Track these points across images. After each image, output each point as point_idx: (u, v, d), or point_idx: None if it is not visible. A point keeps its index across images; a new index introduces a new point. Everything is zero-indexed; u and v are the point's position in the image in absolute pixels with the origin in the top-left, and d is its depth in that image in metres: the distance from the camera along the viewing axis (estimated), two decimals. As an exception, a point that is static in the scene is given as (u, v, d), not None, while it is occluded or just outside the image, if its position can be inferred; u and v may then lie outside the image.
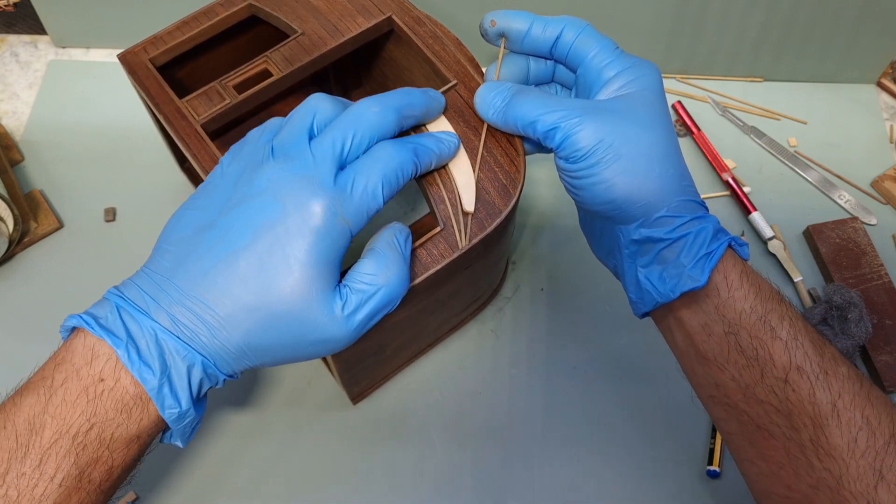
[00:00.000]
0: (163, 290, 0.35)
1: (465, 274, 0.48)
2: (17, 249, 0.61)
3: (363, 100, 0.39)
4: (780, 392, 0.37)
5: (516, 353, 0.58)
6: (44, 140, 0.67)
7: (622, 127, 0.38)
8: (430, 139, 0.41)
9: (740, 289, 0.38)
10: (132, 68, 0.48)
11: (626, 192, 0.38)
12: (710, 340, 0.39)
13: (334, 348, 0.36)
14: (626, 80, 0.40)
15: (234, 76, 0.47)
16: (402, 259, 0.37)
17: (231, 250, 0.34)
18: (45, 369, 0.35)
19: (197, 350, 0.34)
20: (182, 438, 0.36)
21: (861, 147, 0.69)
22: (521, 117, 0.40)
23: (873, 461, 0.35)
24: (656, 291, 0.39)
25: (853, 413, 0.36)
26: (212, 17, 0.50)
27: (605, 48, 0.41)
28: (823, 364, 0.37)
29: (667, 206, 0.38)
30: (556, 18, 0.42)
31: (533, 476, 0.54)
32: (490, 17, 0.43)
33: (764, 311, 0.38)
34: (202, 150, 0.44)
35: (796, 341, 0.37)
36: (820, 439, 0.36)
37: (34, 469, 0.33)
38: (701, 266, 0.37)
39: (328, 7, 0.49)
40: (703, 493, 0.53)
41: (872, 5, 0.64)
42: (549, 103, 0.39)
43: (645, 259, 0.40)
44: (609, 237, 0.43)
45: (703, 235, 0.38)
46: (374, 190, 0.36)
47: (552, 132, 0.39)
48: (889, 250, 0.64)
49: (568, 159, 0.39)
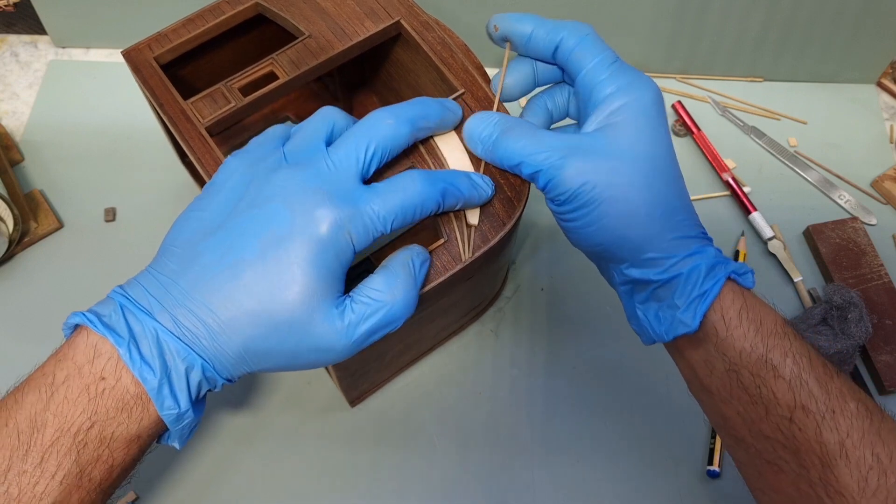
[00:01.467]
0: (167, 292, 0.35)
1: (466, 284, 0.48)
2: (17, 249, 0.61)
3: (377, 111, 0.39)
4: (785, 430, 0.36)
5: (516, 353, 0.58)
6: (44, 140, 0.67)
7: (606, 167, 0.37)
8: (465, 183, 0.40)
9: (739, 327, 0.37)
10: (136, 66, 0.48)
11: (613, 235, 0.37)
12: (712, 376, 0.38)
13: (333, 359, 0.36)
14: (619, 102, 0.38)
15: (240, 78, 0.46)
16: (412, 281, 0.37)
17: (237, 256, 0.34)
18: (47, 366, 0.35)
19: (197, 352, 0.34)
20: (179, 440, 0.36)
21: (861, 147, 0.69)
22: (507, 158, 0.40)
23: (885, 500, 0.34)
24: (653, 331, 0.38)
25: (863, 452, 0.35)
26: (218, 16, 0.49)
27: (602, 61, 0.39)
28: (830, 402, 0.35)
29: (656, 246, 0.37)
30: (559, 23, 0.41)
31: (533, 476, 0.54)
32: (493, 21, 0.42)
33: (765, 350, 0.36)
34: (206, 153, 0.44)
35: (800, 380, 0.36)
36: (829, 479, 0.35)
37: (35, 467, 0.33)
38: (693, 309, 0.36)
39: (336, 9, 0.48)
40: (703, 493, 0.53)
41: (872, 5, 0.64)
42: (534, 144, 0.38)
43: (641, 296, 0.39)
44: (604, 272, 0.42)
45: (696, 275, 0.37)
46: (385, 217, 0.36)
47: (536, 175, 0.38)
48: (889, 250, 0.64)
49: (554, 201, 0.39)
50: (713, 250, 0.38)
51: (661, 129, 0.39)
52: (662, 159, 0.38)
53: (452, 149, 0.43)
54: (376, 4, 0.49)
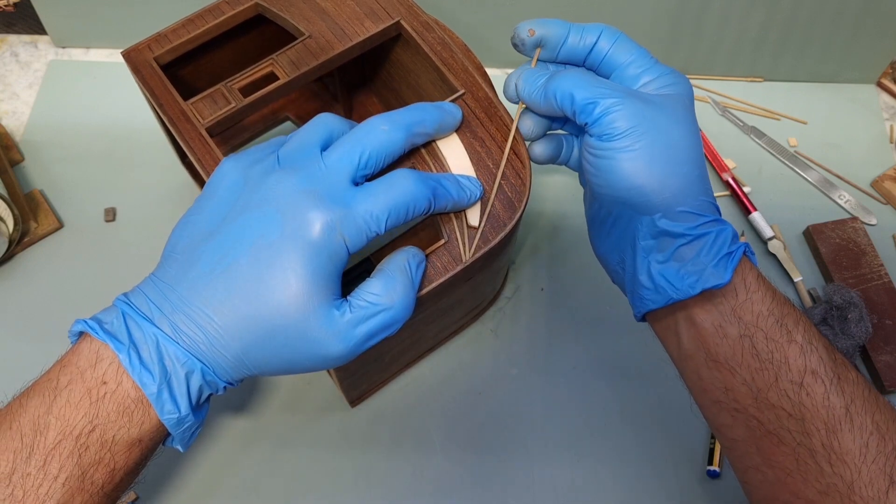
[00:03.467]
0: (166, 298, 0.35)
1: (467, 284, 0.48)
2: (17, 249, 0.61)
3: (374, 118, 0.39)
4: (793, 396, 0.37)
5: (516, 353, 0.58)
6: (44, 140, 0.67)
7: (659, 118, 0.38)
8: (453, 184, 0.40)
9: (758, 291, 0.38)
10: (136, 66, 0.48)
11: (653, 180, 0.38)
12: (723, 343, 0.39)
13: (333, 364, 0.36)
14: (662, 84, 0.40)
15: (240, 79, 0.46)
16: (410, 284, 0.37)
17: (231, 261, 0.35)
18: (51, 371, 0.35)
19: (197, 357, 0.34)
20: (182, 443, 0.37)
21: (861, 147, 0.69)
22: (560, 89, 0.39)
23: (884, 466, 0.35)
24: (672, 288, 0.38)
25: (864, 418, 0.36)
26: (217, 16, 0.49)
27: (641, 56, 0.41)
28: (836, 369, 0.37)
29: (690, 202, 0.38)
30: (590, 26, 0.42)
31: (533, 476, 0.54)
32: (527, 25, 0.42)
33: (781, 315, 0.38)
34: (206, 154, 0.44)
35: (811, 345, 0.37)
36: (832, 444, 0.36)
37: (39, 469, 0.33)
38: (724, 265, 0.37)
39: (336, 9, 0.48)
40: (703, 494, 0.53)
41: (872, 5, 0.64)
42: (593, 80, 0.40)
43: (661, 255, 0.39)
44: (621, 229, 0.41)
45: (725, 236, 0.38)
46: (378, 215, 0.36)
47: (590, 105, 0.38)
48: (889, 250, 0.64)
49: (601, 136, 0.39)
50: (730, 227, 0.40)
51: (695, 116, 0.41)
52: (697, 131, 0.40)
53: (454, 151, 0.43)
54: (376, 5, 0.49)
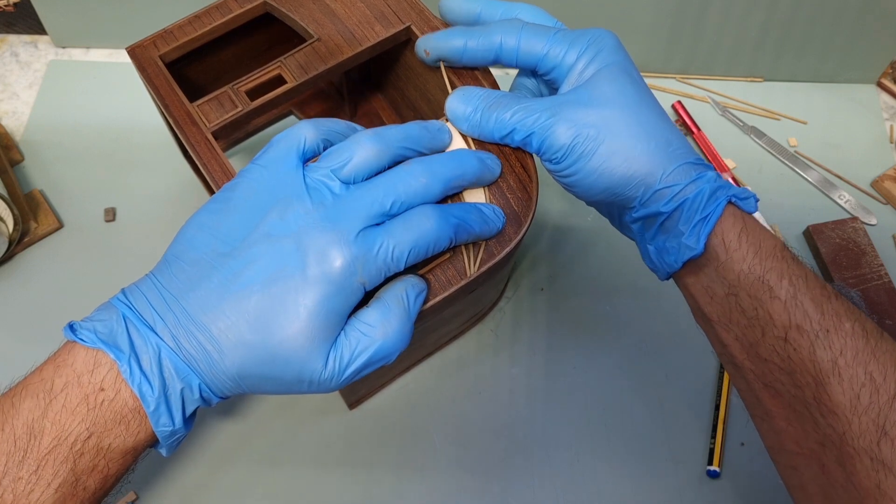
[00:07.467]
0: (170, 309, 0.34)
1: (470, 296, 0.48)
2: (17, 249, 0.61)
3: (412, 164, 0.38)
4: (781, 351, 0.37)
5: (516, 353, 0.58)
6: (44, 140, 0.67)
7: (594, 114, 0.38)
8: (477, 219, 0.39)
9: (738, 250, 0.38)
10: (141, 64, 0.47)
11: (617, 177, 0.38)
12: (712, 303, 0.39)
13: (324, 391, 0.36)
14: (587, 60, 0.39)
15: (247, 81, 0.46)
16: (406, 316, 0.37)
17: (244, 287, 0.34)
18: (45, 371, 0.34)
19: (195, 372, 0.34)
20: (168, 450, 0.36)
21: (861, 147, 0.69)
22: (497, 130, 0.40)
23: (876, 417, 0.35)
24: (663, 262, 0.39)
25: (855, 370, 0.35)
26: (225, 14, 0.48)
27: (552, 42, 0.40)
28: (824, 322, 0.36)
29: (659, 179, 0.38)
30: (489, 28, 0.41)
31: (533, 476, 0.54)
32: (422, 46, 0.43)
33: (762, 271, 0.37)
34: (212, 159, 0.43)
35: (795, 300, 0.37)
36: (822, 397, 0.36)
37: (31, 474, 0.33)
38: (696, 233, 0.37)
39: (346, 12, 0.47)
40: (703, 493, 0.53)
41: (872, 5, 0.64)
42: (521, 110, 0.39)
43: (651, 233, 0.40)
44: (618, 218, 0.43)
45: (699, 200, 0.37)
46: (399, 257, 0.36)
47: (529, 138, 0.39)
48: (889, 250, 0.64)
49: (552, 161, 0.39)
50: (713, 174, 0.39)
51: (631, 68, 0.40)
52: (642, 94, 0.40)
53: None
54: (387, 8, 0.48)
